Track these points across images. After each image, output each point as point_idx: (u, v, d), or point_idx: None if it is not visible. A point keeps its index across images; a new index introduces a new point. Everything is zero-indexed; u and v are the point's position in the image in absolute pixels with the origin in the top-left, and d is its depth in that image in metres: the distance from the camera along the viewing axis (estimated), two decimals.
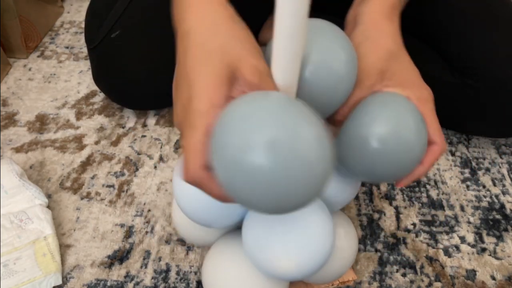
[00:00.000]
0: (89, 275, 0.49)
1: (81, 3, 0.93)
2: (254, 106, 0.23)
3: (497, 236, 0.53)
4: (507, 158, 0.62)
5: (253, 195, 0.23)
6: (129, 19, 0.62)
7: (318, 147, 0.23)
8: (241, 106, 0.24)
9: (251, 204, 0.24)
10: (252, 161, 0.22)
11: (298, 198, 0.23)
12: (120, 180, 0.59)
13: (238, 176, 0.23)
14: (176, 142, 0.65)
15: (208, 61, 0.27)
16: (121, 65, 0.61)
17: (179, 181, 0.35)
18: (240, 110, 0.24)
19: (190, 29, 0.30)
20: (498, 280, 0.49)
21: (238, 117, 0.23)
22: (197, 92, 0.26)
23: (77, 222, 0.54)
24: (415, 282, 0.49)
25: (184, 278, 0.49)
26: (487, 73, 0.54)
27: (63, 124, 0.67)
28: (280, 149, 0.22)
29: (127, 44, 0.61)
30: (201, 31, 0.29)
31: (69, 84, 0.74)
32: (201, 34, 0.29)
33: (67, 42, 0.83)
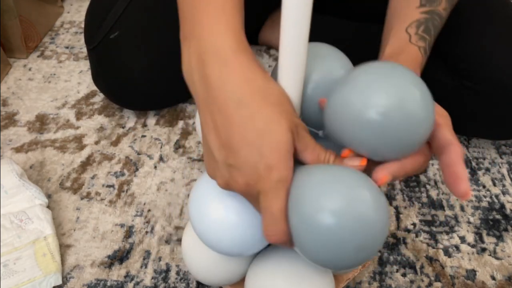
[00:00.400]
0: (89, 275, 0.49)
1: (81, 3, 0.93)
2: (323, 176, 0.28)
3: (497, 236, 0.53)
4: (507, 158, 0.62)
5: (322, 252, 0.27)
6: (128, 20, 0.62)
7: (376, 210, 0.27)
8: (313, 175, 0.28)
9: (320, 260, 0.28)
10: (323, 223, 0.26)
11: (358, 255, 0.27)
12: (120, 180, 0.59)
13: (310, 235, 0.27)
14: (176, 142, 0.65)
15: (277, 123, 0.28)
16: (120, 65, 0.61)
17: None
18: (311, 180, 0.28)
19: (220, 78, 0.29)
20: (498, 280, 0.49)
21: (310, 186, 0.27)
22: (276, 160, 0.28)
23: (77, 222, 0.54)
24: (415, 282, 0.49)
25: (184, 278, 0.49)
26: (485, 75, 0.54)
27: (63, 124, 0.67)
28: (345, 214, 0.26)
29: (126, 45, 0.61)
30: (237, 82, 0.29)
31: (69, 84, 0.74)
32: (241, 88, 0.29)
33: (67, 42, 0.84)
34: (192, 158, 0.62)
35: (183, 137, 0.65)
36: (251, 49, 0.32)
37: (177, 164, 0.61)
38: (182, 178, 0.60)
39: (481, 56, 0.55)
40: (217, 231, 0.34)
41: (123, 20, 0.62)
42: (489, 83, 0.54)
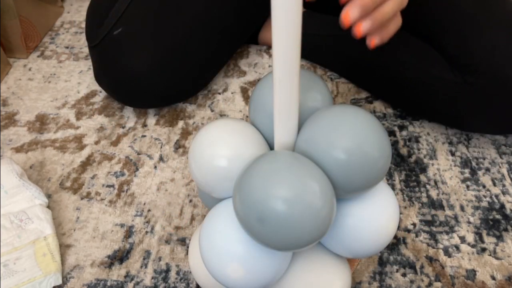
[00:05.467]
0: (89, 275, 0.49)
1: (81, 3, 0.93)
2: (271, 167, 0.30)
3: (497, 236, 0.53)
4: (507, 158, 0.62)
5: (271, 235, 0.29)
6: (132, 16, 0.62)
7: (321, 196, 0.28)
8: (261, 164, 0.30)
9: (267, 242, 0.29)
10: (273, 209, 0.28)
11: (307, 237, 0.29)
12: (120, 180, 0.59)
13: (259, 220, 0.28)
14: (176, 142, 0.65)
15: None
16: (123, 62, 0.61)
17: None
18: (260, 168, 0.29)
19: None
20: (498, 280, 0.49)
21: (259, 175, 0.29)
22: None
23: (77, 222, 0.54)
24: (415, 282, 0.49)
25: (184, 278, 0.49)
26: (487, 70, 0.54)
27: (63, 124, 0.67)
28: (293, 201, 0.28)
29: (129, 41, 0.61)
30: None
31: (69, 84, 0.74)
32: None
33: (67, 42, 0.84)
34: None
35: (183, 137, 0.65)
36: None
37: (177, 164, 0.61)
38: (182, 178, 0.60)
39: (482, 50, 0.55)
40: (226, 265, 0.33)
41: (127, 16, 0.62)
42: (492, 77, 0.54)
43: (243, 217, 0.29)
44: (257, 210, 0.28)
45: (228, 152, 0.34)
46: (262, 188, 0.28)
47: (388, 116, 0.68)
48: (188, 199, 0.57)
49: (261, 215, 0.28)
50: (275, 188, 0.28)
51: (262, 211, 0.28)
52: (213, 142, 0.34)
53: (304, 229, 0.28)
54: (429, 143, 0.64)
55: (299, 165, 0.29)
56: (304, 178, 0.28)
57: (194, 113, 0.69)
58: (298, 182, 0.28)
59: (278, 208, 0.27)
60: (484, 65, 0.54)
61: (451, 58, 0.58)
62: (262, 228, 0.28)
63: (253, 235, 0.29)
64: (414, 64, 0.61)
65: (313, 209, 0.28)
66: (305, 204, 0.28)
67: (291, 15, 0.24)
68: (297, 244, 0.29)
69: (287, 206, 0.27)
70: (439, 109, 0.62)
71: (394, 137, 0.65)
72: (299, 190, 0.28)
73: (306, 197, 0.28)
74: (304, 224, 0.28)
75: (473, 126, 0.62)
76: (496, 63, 0.54)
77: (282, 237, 0.28)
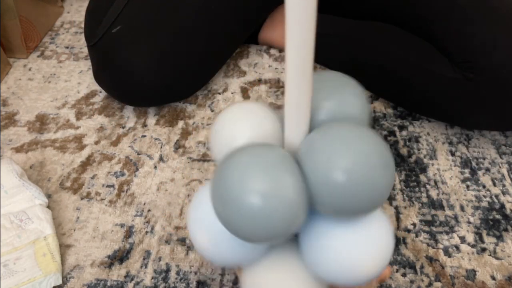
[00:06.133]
0: (89, 275, 0.49)
1: (81, 3, 0.93)
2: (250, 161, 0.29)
3: (497, 236, 0.53)
4: (507, 158, 0.62)
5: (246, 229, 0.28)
6: (130, 14, 0.62)
7: (297, 192, 0.28)
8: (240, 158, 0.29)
9: (243, 235, 0.29)
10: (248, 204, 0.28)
11: (279, 230, 0.29)
12: (120, 180, 0.59)
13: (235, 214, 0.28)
14: (176, 142, 0.65)
15: None
16: (122, 60, 0.61)
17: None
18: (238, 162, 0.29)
19: None
20: (498, 280, 0.49)
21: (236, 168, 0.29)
22: None
23: (77, 222, 0.54)
24: (415, 282, 0.49)
25: (184, 278, 0.49)
26: (487, 67, 0.54)
27: (63, 124, 0.67)
28: (268, 196, 0.28)
29: (128, 39, 0.61)
30: None
31: (69, 84, 0.74)
32: None
33: (67, 42, 0.84)
34: (192, 158, 0.62)
35: (183, 137, 0.65)
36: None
37: (177, 164, 0.61)
38: (182, 178, 0.60)
39: (482, 47, 0.55)
40: (215, 241, 0.34)
41: (125, 14, 0.62)
42: (492, 73, 0.54)
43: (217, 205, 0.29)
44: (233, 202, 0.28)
45: (249, 133, 0.33)
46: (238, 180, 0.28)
47: (388, 116, 0.68)
48: (188, 199, 0.57)
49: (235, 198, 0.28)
50: (251, 181, 0.28)
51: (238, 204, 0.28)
52: (235, 122, 0.34)
53: (277, 221, 0.28)
54: (429, 143, 0.64)
55: (276, 159, 0.29)
56: (278, 172, 0.28)
57: (194, 113, 0.69)
58: (271, 176, 0.28)
59: (252, 200, 0.27)
60: (484, 62, 0.55)
61: (451, 55, 0.58)
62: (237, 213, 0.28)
63: (229, 225, 0.29)
64: (413, 61, 0.61)
65: (286, 202, 0.28)
66: (278, 197, 0.27)
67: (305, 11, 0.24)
68: (268, 235, 0.28)
69: (261, 199, 0.27)
70: (439, 106, 0.62)
71: (394, 137, 0.65)
72: (273, 184, 0.28)
73: (279, 192, 0.28)
74: (276, 216, 0.28)
75: (474, 123, 0.62)
76: (496, 59, 0.54)
77: (255, 228, 0.28)
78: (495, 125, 0.62)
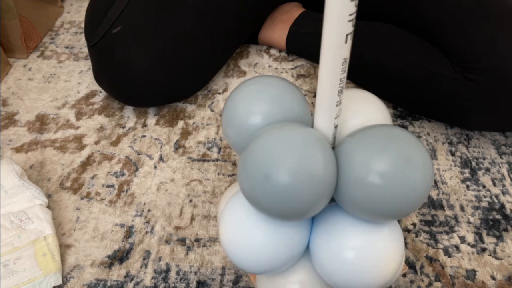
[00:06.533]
0: (89, 275, 0.49)
1: (81, 3, 0.93)
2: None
3: (497, 236, 0.53)
4: (507, 158, 0.62)
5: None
6: (131, 14, 0.62)
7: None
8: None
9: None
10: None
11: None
12: (120, 180, 0.59)
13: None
14: (176, 142, 0.65)
15: None
16: (123, 60, 0.61)
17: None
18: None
19: None
20: (498, 280, 0.49)
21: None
22: None
23: (77, 222, 0.54)
24: (415, 282, 0.49)
25: (184, 278, 0.49)
26: (487, 67, 0.54)
27: (63, 124, 0.67)
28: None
29: (128, 39, 0.61)
30: None
31: (69, 84, 0.74)
32: None
33: (67, 42, 0.84)
34: (192, 158, 0.62)
35: (183, 137, 0.65)
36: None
37: (177, 164, 0.61)
38: (182, 178, 0.60)
39: (482, 47, 0.55)
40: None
41: (126, 14, 0.62)
42: (492, 73, 0.54)
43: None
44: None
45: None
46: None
47: None
48: (188, 199, 0.57)
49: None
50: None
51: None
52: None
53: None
54: (429, 143, 0.64)
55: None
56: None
57: (194, 113, 0.69)
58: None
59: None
60: (484, 62, 0.55)
61: (451, 55, 0.58)
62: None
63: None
64: (414, 61, 0.61)
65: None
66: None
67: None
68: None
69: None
70: (440, 106, 0.62)
71: None
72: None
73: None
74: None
75: (474, 123, 0.62)
76: (497, 59, 0.54)
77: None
78: (495, 126, 0.61)
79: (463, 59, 0.57)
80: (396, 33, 0.65)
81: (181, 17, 0.63)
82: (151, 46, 0.61)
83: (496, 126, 0.62)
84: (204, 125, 0.67)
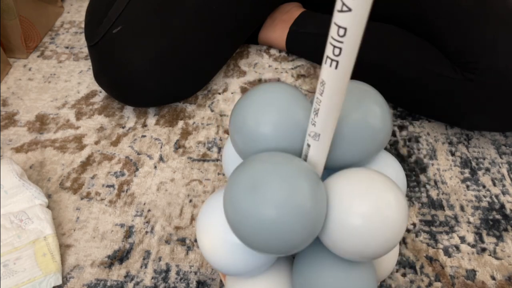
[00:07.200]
0: (89, 275, 0.49)
1: (81, 3, 0.93)
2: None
3: (497, 236, 0.53)
4: (507, 158, 0.62)
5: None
6: (131, 14, 0.62)
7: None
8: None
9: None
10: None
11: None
12: (120, 180, 0.59)
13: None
14: (176, 142, 0.65)
15: None
16: (122, 60, 0.61)
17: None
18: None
19: None
20: (498, 280, 0.49)
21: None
22: None
23: (77, 222, 0.54)
24: (415, 282, 0.49)
25: (184, 278, 0.49)
26: (487, 67, 0.54)
27: (63, 124, 0.67)
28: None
29: (129, 39, 0.61)
30: None
31: (69, 84, 0.74)
32: None
33: (67, 42, 0.84)
34: (192, 158, 0.62)
35: (183, 137, 0.65)
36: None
37: (177, 164, 0.61)
38: (182, 178, 0.60)
39: (482, 47, 0.55)
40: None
41: (126, 14, 0.62)
42: (492, 73, 0.54)
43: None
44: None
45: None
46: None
47: None
48: (188, 199, 0.57)
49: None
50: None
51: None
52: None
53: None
54: (429, 143, 0.64)
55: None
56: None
57: (194, 113, 0.69)
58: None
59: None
60: (484, 62, 0.55)
61: (451, 55, 0.58)
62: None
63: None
64: (414, 61, 0.61)
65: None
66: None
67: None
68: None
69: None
70: (439, 106, 0.62)
71: (394, 137, 0.65)
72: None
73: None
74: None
75: (474, 123, 0.62)
76: (497, 59, 0.54)
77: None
78: (495, 126, 0.61)
79: (463, 59, 0.57)
80: (396, 33, 0.65)
81: (181, 17, 0.63)
82: (151, 46, 0.61)
83: (496, 126, 0.62)
84: (204, 125, 0.67)
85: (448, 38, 0.58)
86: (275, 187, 0.27)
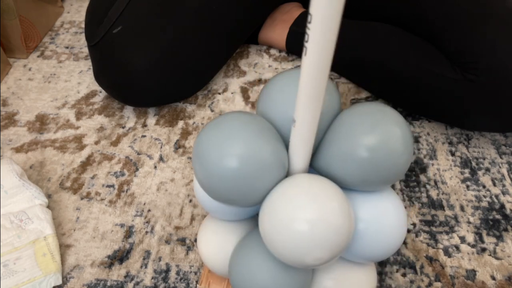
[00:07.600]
0: (89, 275, 0.49)
1: (81, 3, 0.93)
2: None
3: (497, 236, 0.53)
4: (507, 158, 0.62)
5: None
6: (131, 14, 0.62)
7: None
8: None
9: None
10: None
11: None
12: (120, 180, 0.59)
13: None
14: (176, 142, 0.65)
15: None
16: (123, 60, 0.61)
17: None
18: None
19: None
20: (498, 280, 0.49)
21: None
22: None
23: (77, 222, 0.54)
24: (415, 282, 0.49)
25: (184, 278, 0.49)
26: (488, 67, 0.54)
27: (63, 124, 0.67)
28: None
29: (129, 39, 0.61)
30: None
31: (69, 84, 0.74)
32: None
33: (67, 42, 0.84)
34: (192, 158, 0.62)
35: (183, 137, 0.65)
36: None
37: (177, 164, 0.61)
38: (182, 178, 0.60)
39: (483, 47, 0.55)
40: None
41: (126, 14, 0.62)
42: (492, 73, 0.54)
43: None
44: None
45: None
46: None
47: None
48: (188, 199, 0.57)
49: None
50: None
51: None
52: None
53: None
54: (429, 143, 0.64)
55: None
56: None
57: (194, 113, 0.69)
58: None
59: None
60: (484, 62, 0.55)
61: (451, 55, 0.58)
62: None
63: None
64: (414, 62, 0.61)
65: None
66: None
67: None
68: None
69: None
70: (440, 107, 0.62)
71: None
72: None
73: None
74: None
75: (474, 124, 0.62)
76: (497, 60, 0.54)
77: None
78: (495, 126, 0.61)
79: (463, 59, 0.57)
80: (396, 33, 0.65)
81: (181, 17, 0.63)
82: (152, 46, 0.61)
83: (496, 126, 0.62)
84: (204, 125, 0.67)
85: (448, 38, 0.58)
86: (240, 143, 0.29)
